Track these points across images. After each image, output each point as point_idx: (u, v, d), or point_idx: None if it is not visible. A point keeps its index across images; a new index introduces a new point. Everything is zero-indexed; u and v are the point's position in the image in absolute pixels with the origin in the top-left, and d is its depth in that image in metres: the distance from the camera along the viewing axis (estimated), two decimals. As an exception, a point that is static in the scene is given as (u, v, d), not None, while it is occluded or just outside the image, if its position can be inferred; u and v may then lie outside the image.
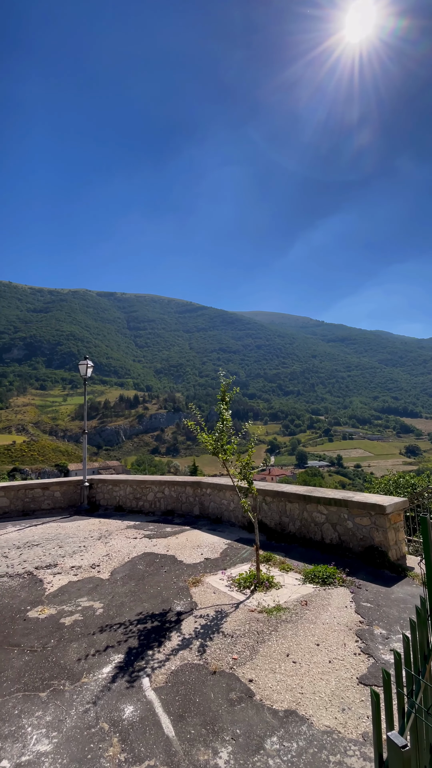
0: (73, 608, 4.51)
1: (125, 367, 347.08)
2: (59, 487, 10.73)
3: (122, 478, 10.72)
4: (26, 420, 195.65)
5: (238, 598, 4.62)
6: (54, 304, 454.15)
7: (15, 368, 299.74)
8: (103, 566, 5.88)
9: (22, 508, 10.24)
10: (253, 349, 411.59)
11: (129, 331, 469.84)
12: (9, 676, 3.29)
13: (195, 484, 9.07)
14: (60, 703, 2.96)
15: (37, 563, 6.10)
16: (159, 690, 3.09)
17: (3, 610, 4.49)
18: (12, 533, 8.14)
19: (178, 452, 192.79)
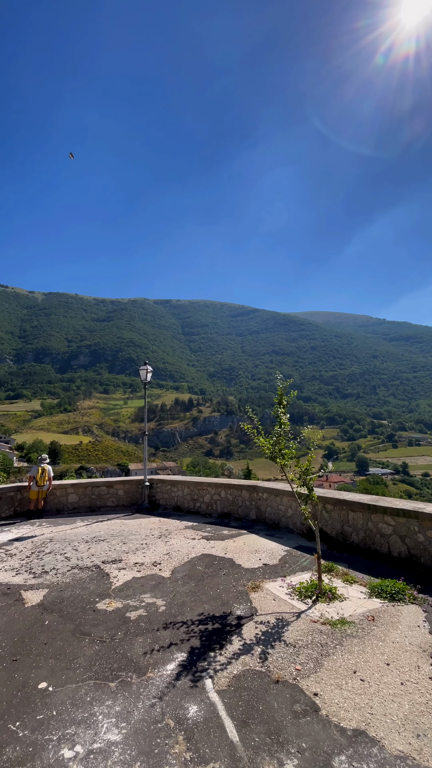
0: (137, 603, 4.70)
1: (180, 372, 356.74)
2: (122, 486, 11.29)
3: (180, 479, 11.00)
4: (91, 422, 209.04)
5: (299, 607, 4.49)
6: (115, 313, 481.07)
7: (82, 374, 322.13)
8: (164, 565, 6.06)
9: (90, 505, 10.93)
10: (308, 351, 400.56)
11: (183, 336, 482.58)
12: (81, 664, 3.51)
13: (251, 488, 9.02)
14: (128, 695, 3.09)
15: (103, 558, 6.46)
16: (221, 693, 3.10)
17: (75, 600, 4.81)
18: (81, 528, 8.72)
19: (232, 455, 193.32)
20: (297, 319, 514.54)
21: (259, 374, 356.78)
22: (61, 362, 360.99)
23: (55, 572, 5.81)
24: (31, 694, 3.10)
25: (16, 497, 10.47)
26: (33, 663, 3.52)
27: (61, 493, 10.83)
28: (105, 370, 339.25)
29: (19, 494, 10.55)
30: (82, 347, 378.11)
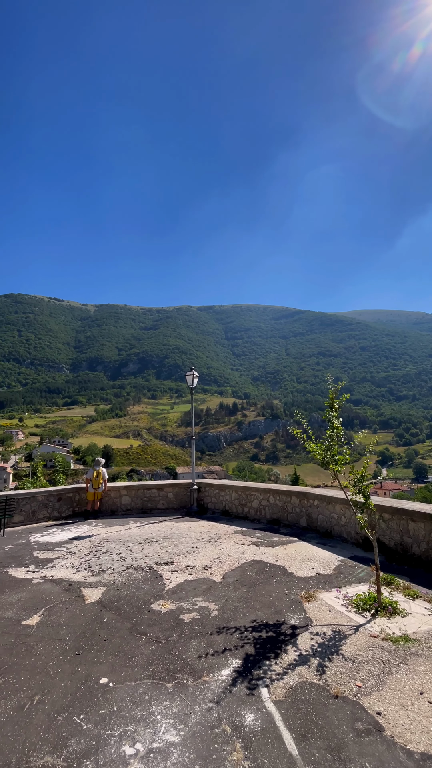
0: (190, 606, 4.76)
1: (224, 376, 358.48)
2: (172, 489, 11.53)
3: (227, 484, 11.01)
4: (140, 426, 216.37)
5: (357, 621, 4.29)
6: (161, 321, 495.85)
7: (131, 380, 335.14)
8: (214, 569, 6.09)
9: (141, 506, 11.29)
10: (357, 351, 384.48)
11: (227, 341, 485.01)
12: (139, 662, 3.62)
13: (301, 495, 8.80)
14: (185, 697, 3.13)
15: (156, 559, 6.63)
16: (278, 703, 3.04)
17: (131, 600, 4.97)
18: (134, 529, 9.02)
19: (278, 460, 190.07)
20: (345, 318, 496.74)
21: (304, 377, 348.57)
22: (113, 370, 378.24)
23: (111, 571, 6.05)
24: (94, 689, 3.25)
25: (74, 498, 11.08)
26: (94, 658, 3.68)
27: (115, 494, 11.29)
28: (152, 376, 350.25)
29: (77, 495, 11.15)
30: (131, 355, 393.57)
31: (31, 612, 4.65)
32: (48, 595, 5.14)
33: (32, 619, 4.47)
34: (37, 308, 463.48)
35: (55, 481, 18.28)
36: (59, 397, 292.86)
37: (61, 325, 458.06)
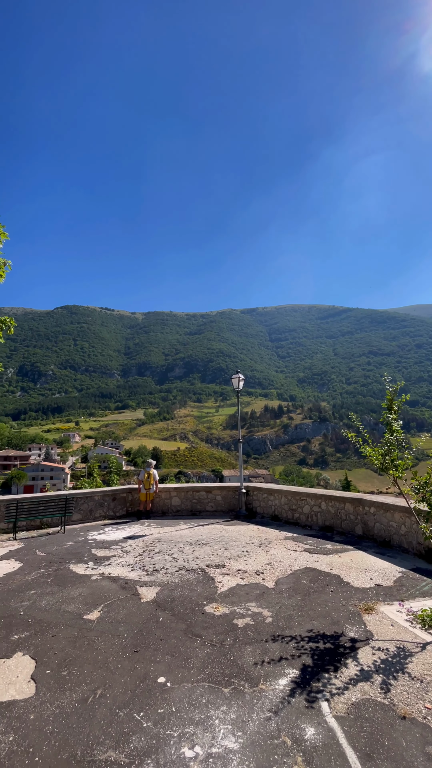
0: (243, 611, 4.71)
1: (268, 378, 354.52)
2: (220, 492, 11.56)
3: (276, 488, 10.82)
4: (187, 429, 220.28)
5: (423, 638, 3.99)
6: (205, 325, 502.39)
7: (177, 384, 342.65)
8: (266, 574, 5.99)
9: (191, 508, 11.43)
10: (412, 349, 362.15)
11: (270, 343, 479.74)
12: (195, 664, 3.64)
13: (356, 501, 8.41)
14: (242, 704, 3.09)
15: (207, 561, 6.66)
16: (340, 719, 2.90)
17: (184, 601, 5.03)
18: (184, 530, 9.15)
19: (327, 464, 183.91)
20: (397, 315, 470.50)
21: (354, 377, 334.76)
22: (160, 374, 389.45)
23: (164, 572, 6.17)
24: (152, 687, 3.31)
25: (128, 498, 11.49)
26: (151, 657, 3.76)
27: (166, 496, 11.55)
28: (197, 380, 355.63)
29: (130, 495, 11.55)
30: (177, 360, 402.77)
31: (91, 607, 4.87)
32: (106, 592, 5.35)
33: (92, 614, 4.67)
34: (90, 318, 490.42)
35: (109, 481, 19.10)
36: (111, 401, 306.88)
37: (112, 333, 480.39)
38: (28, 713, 2.99)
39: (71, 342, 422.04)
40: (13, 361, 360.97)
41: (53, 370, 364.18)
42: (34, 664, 3.64)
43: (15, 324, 7.14)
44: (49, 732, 2.80)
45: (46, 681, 3.39)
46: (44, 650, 3.88)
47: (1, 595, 5.31)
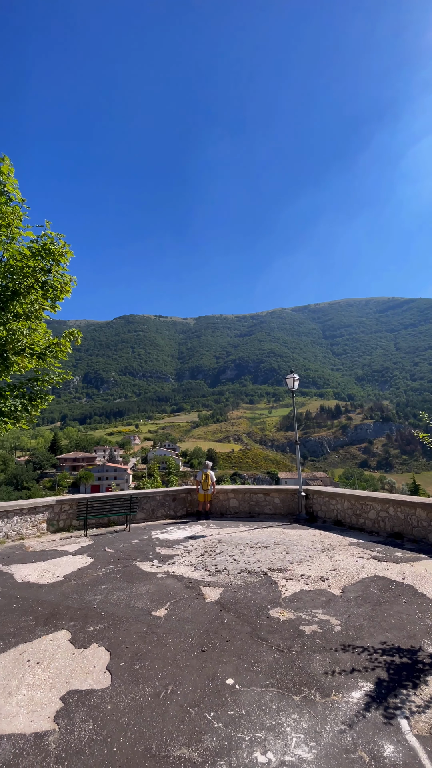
0: (310, 618, 4.57)
1: (323, 377, 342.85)
2: (278, 495, 11.37)
3: (338, 492, 10.38)
4: (240, 431, 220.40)
5: None
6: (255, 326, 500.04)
7: (229, 386, 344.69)
8: (332, 581, 5.76)
9: (249, 510, 11.38)
10: None
11: (324, 340, 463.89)
12: (263, 669, 3.59)
13: (428, 507, 7.79)
14: (314, 714, 2.99)
15: (269, 565, 6.57)
16: (422, 739, 2.68)
17: (248, 604, 5.00)
18: (243, 532, 9.13)
19: (392, 467, 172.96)
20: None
21: (420, 373, 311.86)
22: (212, 377, 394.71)
23: (227, 573, 6.20)
24: (221, 688, 3.32)
25: (187, 498, 11.75)
26: (218, 657, 3.78)
27: (224, 497, 11.62)
28: (249, 381, 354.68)
29: (189, 496, 11.80)
30: (228, 362, 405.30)
31: (158, 604, 5.03)
32: (171, 590, 5.50)
33: (160, 611, 4.82)
34: (145, 326, 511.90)
35: (168, 482, 19.72)
36: (167, 404, 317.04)
37: (166, 340, 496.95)
38: (105, 703, 3.15)
39: (129, 350, 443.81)
40: (78, 369, 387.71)
41: (114, 377, 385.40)
42: (109, 656, 3.83)
43: (81, 335, 7.67)
44: (125, 724, 2.92)
45: (120, 673, 3.55)
46: (117, 643, 4.07)
47: (77, 588, 5.69)
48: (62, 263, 6.47)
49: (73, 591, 5.56)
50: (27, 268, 6.04)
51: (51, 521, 9.89)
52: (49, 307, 6.64)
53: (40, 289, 6.21)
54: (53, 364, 7.18)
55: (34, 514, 9.54)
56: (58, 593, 5.49)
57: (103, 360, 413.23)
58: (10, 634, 4.31)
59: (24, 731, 2.85)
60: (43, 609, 4.96)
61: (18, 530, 9.14)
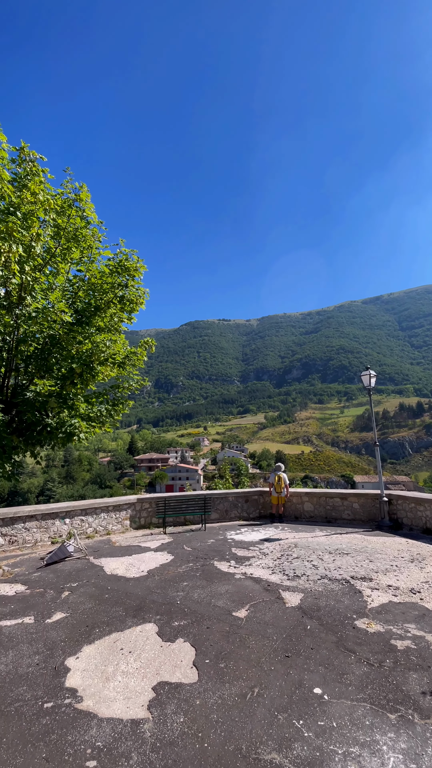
0: (401, 632, 4.24)
1: (402, 373, 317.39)
2: (357, 499, 10.78)
3: (427, 497, 9.51)
4: (310, 432, 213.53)
5: None
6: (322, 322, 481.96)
7: (296, 386, 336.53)
8: (425, 594, 5.28)
9: (325, 515, 10.96)
10: None
11: (401, 332, 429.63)
12: (352, 682, 3.42)
13: None
14: (412, 735, 2.77)
15: (351, 573, 6.25)
16: None
17: (331, 612, 4.81)
18: (321, 537, 8.81)
19: None
20: None
21: None
22: (277, 378, 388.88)
23: (306, 578, 6.03)
24: (308, 697, 3.23)
25: (259, 500, 11.70)
26: (303, 665, 3.69)
27: (297, 500, 11.34)
28: (317, 380, 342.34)
29: (262, 498, 11.73)
30: (294, 361, 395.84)
31: (238, 605, 5.07)
32: (250, 592, 5.51)
33: (240, 612, 4.85)
34: (209, 330, 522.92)
35: (239, 483, 19.83)
36: (233, 406, 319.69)
37: (230, 342, 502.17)
38: (194, 698, 3.26)
39: (195, 354, 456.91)
40: (150, 375, 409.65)
41: (182, 381, 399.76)
42: (194, 652, 3.96)
43: (155, 343, 8.09)
44: (215, 721, 2.98)
45: (207, 670, 3.64)
46: (201, 640, 4.19)
47: (160, 583, 5.99)
48: (137, 277, 6.91)
49: (156, 586, 5.86)
50: (106, 284, 6.55)
51: (133, 518, 10.54)
52: (126, 319, 7.13)
53: (118, 303, 6.70)
54: (132, 372, 7.69)
55: (118, 511, 10.25)
56: (144, 587, 5.82)
57: (171, 365, 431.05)
58: (104, 623, 4.67)
59: (121, 716, 3.05)
60: (131, 601, 5.30)
61: (105, 526, 9.90)
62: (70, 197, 6.61)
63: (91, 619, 4.78)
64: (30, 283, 5.86)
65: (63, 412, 6.08)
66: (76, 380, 6.11)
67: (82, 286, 6.74)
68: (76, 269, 7.23)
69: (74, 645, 4.15)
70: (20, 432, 6.08)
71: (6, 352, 5.92)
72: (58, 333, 5.80)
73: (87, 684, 3.47)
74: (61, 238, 6.53)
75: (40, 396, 5.66)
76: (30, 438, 6.16)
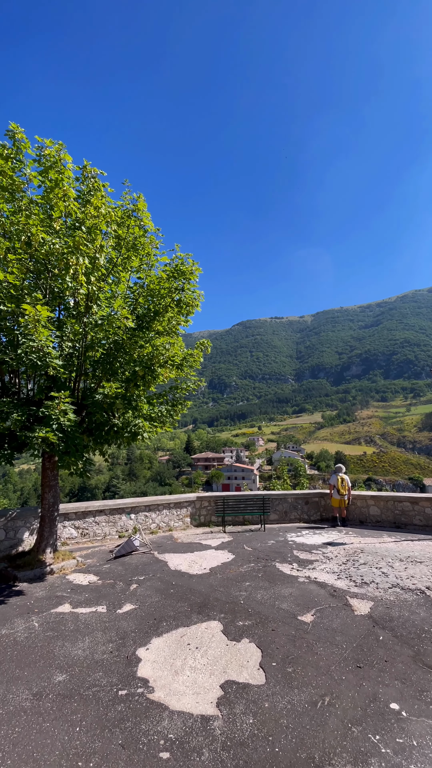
0: None
1: None
2: (429, 504, 9.98)
3: None
4: (372, 432, 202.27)
5: None
6: (383, 315, 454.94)
7: (356, 384, 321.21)
8: None
9: (393, 520, 10.30)
10: None
11: None
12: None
13: None
14: None
15: (426, 582, 5.79)
16: None
17: (405, 623, 4.49)
18: (389, 544, 8.29)
19: None
20: None
21: None
22: (335, 375, 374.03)
23: (375, 586, 5.71)
24: (384, 711, 3.05)
25: (320, 503, 11.32)
26: (377, 677, 3.49)
27: (362, 504, 10.80)
28: (379, 376, 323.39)
29: (323, 500, 11.34)
30: (353, 357, 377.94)
31: (303, 609, 4.94)
32: (315, 596, 5.34)
33: (305, 617, 4.73)
34: (262, 329, 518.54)
35: (297, 485, 19.37)
36: (288, 406, 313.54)
37: (283, 340, 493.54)
38: (262, 700, 3.23)
39: (248, 354, 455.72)
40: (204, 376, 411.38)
41: (235, 381, 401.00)
42: (260, 654, 3.92)
43: (210, 344, 8.19)
44: (285, 726, 2.93)
45: (274, 673, 3.59)
46: (267, 642, 4.14)
47: (222, 581, 6.04)
48: (192, 280, 7.05)
49: (219, 584, 5.92)
50: (163, 289, 6.78)
51: (193, 516, 10.77)
52: (183, 322, 7.31)
53: (175, 306, 6.90)
54: (189, 373, 7.87)
55: (179, 508, 10.54)
56: (207, 585, 5.91)
57: (224, 366, 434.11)
58: (171, 617, 4.82)
59: (191, 711, 3.12)
60: (195, 598, 5.40)
61: (167, 522, 10.24)
62: (129, 208, 6.93)
63: (158, 612, 4.96)
64: (95, 293, 6.24)
65: (127, 412, 6.40)
66: (139, 382, 6.40)
67: (142, 293, 7.04)
68: (135, 277, 7.57)
69: (144, 636, 4.33)
70: (90, 432, 6.50)
71: (76, 358, 6.36)
72: (121, 338, 6.12)
73: (157, 675, 3.60)
74: (122, 248, 6.87)
75: (107, 398, 6.01)
76: (99, 437, 6.57)
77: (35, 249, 5.72)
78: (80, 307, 6.45)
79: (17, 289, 5.45)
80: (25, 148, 6.47)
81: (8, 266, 5.51)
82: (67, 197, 6.15)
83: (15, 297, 5.48)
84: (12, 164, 6.34)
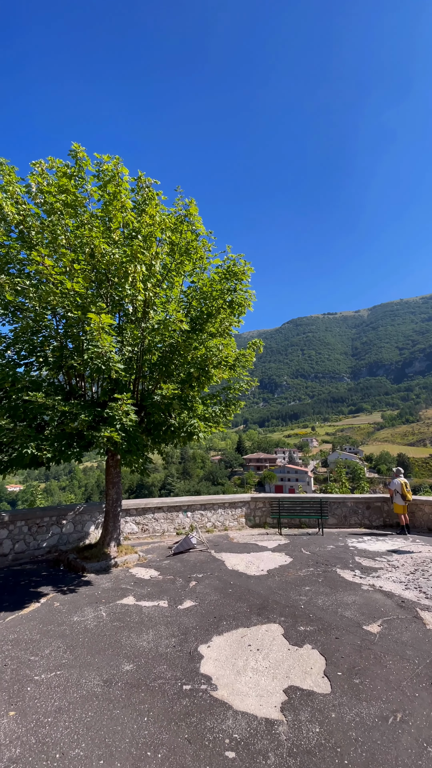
0: None
1: None
2: None
3: None
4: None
5: None
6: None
7: (419, 381, 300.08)
8: None
9: (467, 529, 9.44)
10: None
11: None
12: None
13: None
14: None
15: None
16: None
17: None
18: (464, 555, 7.61)
19: None
20: None
21: None
22: (395, 372, 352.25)
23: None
24: (467, 737, 2.80)
25: (382, 508, 10.72)
26: (456, 699, 3.22)
27: (429, 510, 10.04)
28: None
29: (385, 505, 10.72)
30: (415, 352, 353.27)
31: (369, 619, 4.70)
32: (381, 606, 5.06)
33: (372, 627, 4.50)
34: (313, 326, 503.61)
35: (356, 488, 18.53)
36: (343, 405, 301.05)
37: (336, 337, 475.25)
38: (328, 710, 3.12)
39: (299, 352, 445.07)
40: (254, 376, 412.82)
41: (286, 381, 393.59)
42: (324, 662, 3.80)
43: (263, 344, 8.12)
44: (353, 738, 2.81)
45: (340, 683, 3.46)
46: (331, 650, 4.00)
47: (281, 584, 5.95)
48: (244, 281, 7.04)
49: (278, 587, 5.83)
50: (215, 291, 6.85)
51: (248, 516, 10.74)
52: (235, 323, 7.33)
53: (227, 308, 6.93)
54: (242, 374, 7.87)
55: (233, 508, 10.58)
56: (265, 587, 5.86)
57: (275, 365, 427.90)
58: (231, 617, 4.84)
59: (255, 713, 3.10)
60: (254, 599, 5.38)
61: (222, 522, 10.32)
62: (182, 214, 7.10)
63: (218, 611, 5.01)
64: (152, 299, 6.48)
65: (183, 413, 6.56)
66: (194, 383, 6.52)
67: (195, 295, 7.17)
68: (188, 281, 7.73)
69: (205, 633, 4.40)
70: (149, 431, 6.76)
71: (135, 361, 6.65)
72: (176, 341, 6.28)
73: (220, 674, 3.63)
74: (175, 254, 7.06)
75: (164, 399, 6.20)
76: (157, 437, 6.80)
77: (98, 260, 6.07)
78: (138, 312, 6.73)
79: (83, 297, 5.83)
80: (86, 165, 6.90)
81: (74, 277, 5.91)
82: (124, 208, 6.45)
83: (81, 306, 5.86)
84: (75, 182, 6.79)
